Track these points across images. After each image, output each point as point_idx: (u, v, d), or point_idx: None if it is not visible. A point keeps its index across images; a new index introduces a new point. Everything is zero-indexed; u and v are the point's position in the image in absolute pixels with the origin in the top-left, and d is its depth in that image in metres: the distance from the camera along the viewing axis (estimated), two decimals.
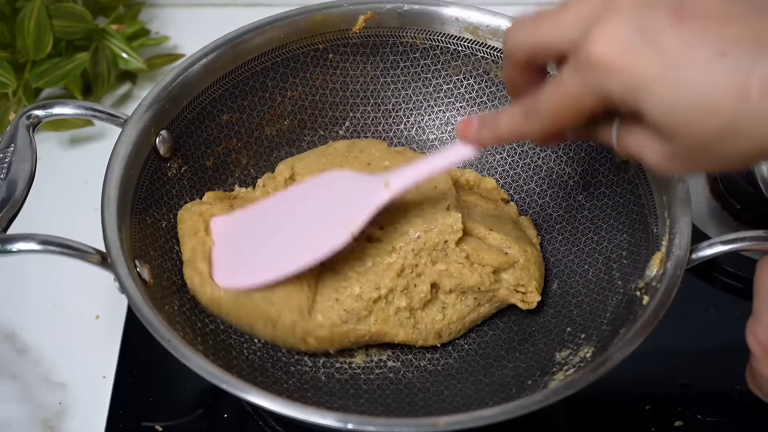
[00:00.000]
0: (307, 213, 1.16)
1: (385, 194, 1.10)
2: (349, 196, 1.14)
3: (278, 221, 1.17)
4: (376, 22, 1.29)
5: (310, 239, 1.13)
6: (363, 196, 1.12)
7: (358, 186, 1.15)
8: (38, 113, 1.15)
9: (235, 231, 1.18)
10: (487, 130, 0.98)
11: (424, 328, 1.15)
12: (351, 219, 1.11)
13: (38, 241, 1.01)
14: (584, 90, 0.83)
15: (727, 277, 1.32)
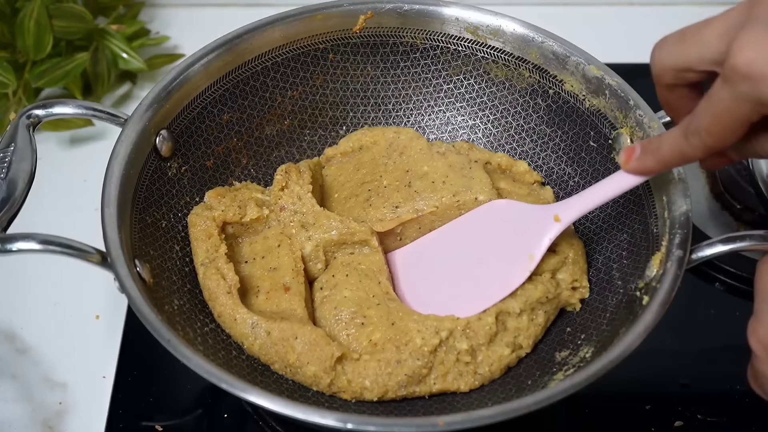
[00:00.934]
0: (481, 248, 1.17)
1: (555, 228, 1.12)
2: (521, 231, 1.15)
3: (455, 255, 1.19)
4: (376, 22, 1.29)
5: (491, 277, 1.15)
6: (535, 230, 1.13)
7: (527, 220, 1.15)
8: (38, 113, 1.15)
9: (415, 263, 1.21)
10: (650, 156, 0.97)
11: (487, 370, 1.12)
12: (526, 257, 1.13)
13: (38, 240, 1.01)
14: (737, 101, 0.83)
15: (727, 277, 1.32)
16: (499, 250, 1.16)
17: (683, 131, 0.90)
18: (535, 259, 1.12)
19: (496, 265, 1.15)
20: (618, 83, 1.20)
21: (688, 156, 0.92)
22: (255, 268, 1.18)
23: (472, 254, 1.18)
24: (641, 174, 1.01)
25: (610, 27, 1.72)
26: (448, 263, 1.19)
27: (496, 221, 1.17)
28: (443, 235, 1.21)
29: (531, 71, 1.27)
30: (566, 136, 1.27)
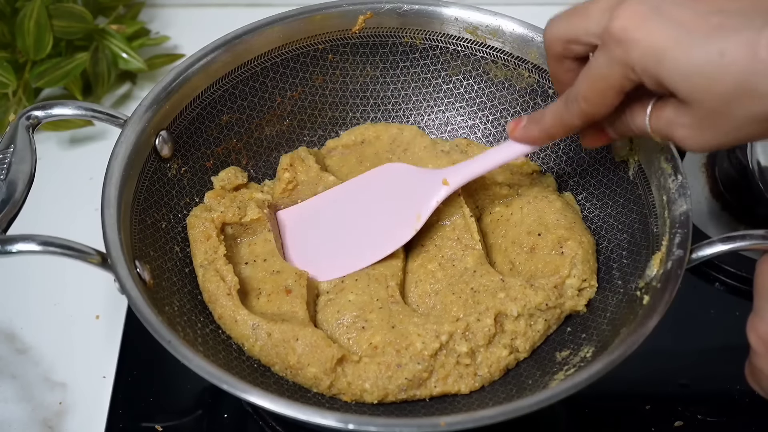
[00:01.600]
0: (370, 207, 1.21)
1: (443, 191, 1.16)
2: (410, 192, 1.19)
3: (343, 214, 1.22)
4: (375, 22, 1.29)
5: (378, 235, 1.19)
6: (423, 192, 1.18)
7: (417, 181, 1.19)
8: (38, 114, 1.15)
9: (300, 222, 1.24)
10: (533, 124, 1.05)
11: (487, 372, 1.12)
12: (413, 217, 1.17)
13: (38, 242, 1.01)
14: (611, 66, 0.90)
15: (727, 277, 1.32)
16: (389, 209, 1.20)
17: (564, 99, 0.98)
18: (421, 218, 1.17)
19: (386, 222, 1.20)
20: None
21: (567, 123, 0.99)
22: (256, 270, 1.18)
23: (363, 212, 1.22)
24: (526, 142, 1.07)
25: None
26: (338, 220, 1.23)
27: (389, 182, 1.22)
28: (335, 194, 1.25)
29: (530, 71, 1.27)
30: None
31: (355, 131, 1.33)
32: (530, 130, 1.06)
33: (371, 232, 1.20)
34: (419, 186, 1.19)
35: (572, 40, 0.97)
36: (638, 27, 0.87)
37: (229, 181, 1.24)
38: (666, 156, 1.12)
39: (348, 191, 1.24)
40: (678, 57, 0.85)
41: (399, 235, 1.18)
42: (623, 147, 1.19)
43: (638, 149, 1.17)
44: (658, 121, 0.94)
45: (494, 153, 1.14)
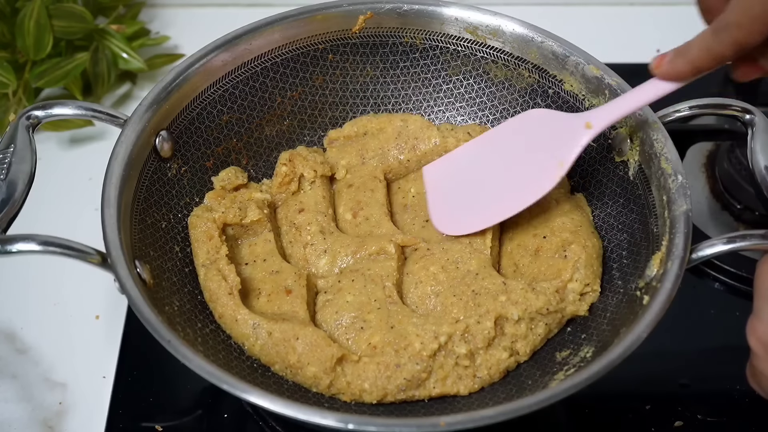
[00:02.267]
0: (511, 157, 1.18)
1: (587, 135, 1.11)
2: (551, 138, 1.15)
3: (485, 166, 1.20)
4: (375, 22, 1.29)
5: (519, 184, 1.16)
6: (565, 138, 1.13)
7: (559, 126, 1.15)
8: (38, 114, 1.15)
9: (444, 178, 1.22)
10: (680, 58, 0.97)
11: (486, 374, 1.11)
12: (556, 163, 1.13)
13: (38, 241, 1.01)
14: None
15: (727, 277, 1.32)
16: (530, 157, 1.16)
17: (713, 28, 0.91)
18: (564, 165, 1.12)
19: (527, 171, 1.16)
20: (617, 83, 1.20)
21: (717, 53, 0.92)
22: (256, 271, 1.18)
23: (504, 162, 1.19)
24: (672, 78, 1.00)
25: (610, 27, 1.72)
26: (479, 172, 1.20)
27: (529, 129, 1.18)
28: (476, 146, 1.23)
29: (530, 71, 1.27)
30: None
31: (358, 122, 1.32)
32: (677, 64, 0.98)
33: (513, 182, 1.17)
34: (561, 131, 1.14)
35: None
36: None
37: (229, 181, 1.24)
38: (666, 156, 1.12)
39: (489, 141, 1.22)
40: None
41: (542, 183, 1.14)
42: (623, 147, 1.19)
43: (638, 149, 1.17)
44: None
45: (638, 92, 1.08)
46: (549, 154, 1.14)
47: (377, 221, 1.23)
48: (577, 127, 1.12)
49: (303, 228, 1.22)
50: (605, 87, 1.21)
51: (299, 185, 1.26)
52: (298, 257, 1.22)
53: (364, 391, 1.08)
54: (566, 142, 1.12)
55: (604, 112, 1.11)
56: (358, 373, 1.09)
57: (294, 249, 1.22)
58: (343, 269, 1.19)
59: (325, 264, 1.20)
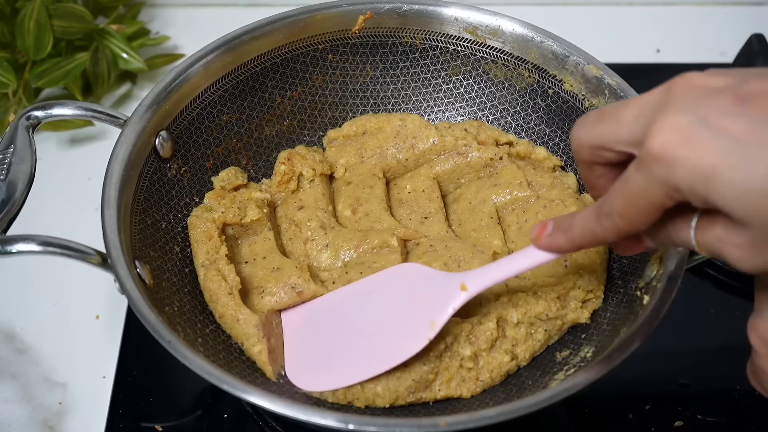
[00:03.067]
0: (382, 312, 1.13)
1: (461, 297, 1.06)
2: (424, 296, 1.10)
3: (351, 318, 1.14)
4: (375, 23, 1.29)
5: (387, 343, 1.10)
6: (439, 298, 1.08)
7: (432, 286, 1.10)
8: (38, 114, 1.14)
9: (305, 324, 1.16)
10: (561, 234, 0.94)
11: (488, 377, 1.11)
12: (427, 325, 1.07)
13: (38, 242, 1.01)
14: (651, 185, 0.80)
15: (727, 277, 1.32)
16: (402, 315, 1.11)
17: (596, 212, 0.87)
18: (435, 326, 1.07)
19: (398, 330, 1.10)
20: (617, 83, 1.20)
21: (600, 237, 0.89)
22: (256, 269, 1.18)
23: (374, 318, 1.13)
24: (552, 251, 0.97)
25: (610, 27, 1.72)
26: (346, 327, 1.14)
27: (403, 285, 1.13)
28: (344, 296, 1.17)
29: (530, 71, 1.27)
30: (566, 135, 1.27)
31: (357, 122, 1.32)
32: (557, 239, 0.95)
33: (380, 340, 1.11)
34: (435, 290, 1.10)
35: (602, 147, 0.87)
36: (682, 143, 0.76)
37: (229, 181, 1.24)
38: None
39: (357, 292, 1.17)
40: (732, 177, 0.74)
41: (410, 344, 1.08)
42: None
43: None
44: (706, 237, 0.83)
45: (516, 259, 1.03)
46: (421, 313, 1.09)
47: (377, 216, 1.23)
48: (452, 288, 1.07)
49: (303, 224, 1.22)
50: (605, 87, 1.21)
51: (298, 184, 1.26)
52: (298, 253, 1.21)
53: (377, 396, 1.07)
54: (439, 302, 1.08)
55: (479, 275, 1.06)
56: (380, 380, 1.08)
57: (294, 245, 1.22)
58: (347, 263, 1.19)
59: (327, 258, 1.20)
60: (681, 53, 1.68)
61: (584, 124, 0.89)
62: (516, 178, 1.24)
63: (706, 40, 1.70)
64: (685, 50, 1.68)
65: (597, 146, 0.87)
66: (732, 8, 1.75)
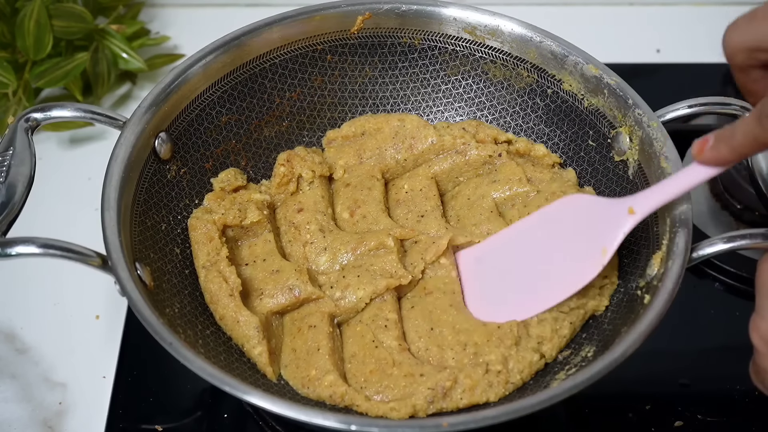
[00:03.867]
0: (551, 243, 1.14)
1: (631, 221, 1.07)
2: (593, 224, 1.11)
3: (525, 252, 1.16)
4: (374, 23, 1.29)
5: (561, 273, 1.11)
6: (607, 224, 1.09)
7: (601, 212, 1.11)
8: (37, 116, 1.14)
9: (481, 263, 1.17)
10: (723, 144, 0.93)
11: (519, 378, 1.09)
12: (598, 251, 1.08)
13: (38, 244, 1.01)
14: None
15: (727, 277, 1.32)
16: (572, 245, 1.13)
17: (757, 115, 0.86)
18: (608, 252, 1.08)
19: (570, 259, 1.12)
20: (617, 82, 1.20)
21: (763, 141, 0.88)
22: (256, 271, 1.18)
23: (545, 250, 1.15)
24: (715, 164, 0.96)
25: (610, 27, 1.72)
26: (520, 261, 1.16)
27: (570, 215, 1.15)
28: (516, 232, 1.19)
29: (529, 71, 1.27)
30: (565, 135, 1.27)
31: (356, 122, 1.32)
32: (720, 150, 0.93)
33: (555, 270, 1.13)
34: (603, 217, 1.10)
35: (756, 48, 0.86)
36: None
37: (228, 182, 1.24)
38: (666, 155, 1.12)
39: (528, 227, 1.18)
40: None
41: (584, 271, 1.09)
42: (623, 146, 1.19)
43: (638, 148, 1.17)
44: None
45: (681, 177, 1.03)
46: (591, 241, 1.10)
47: (374, 218, 1.23)
48: (620, 213, 1.08)
49: (302, 227, 1.22)
50: (604, 86, 1.21)
51: (298, 185, 1.26)
52: (297, 256, 1.21)
53: (392, 409, 1.06)
54: (609, 228, 1.08)
55: (646, 197, 1.06)
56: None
57: (293, 248, 1.22)
58: (345, 266, 1.19)
59: (326, 261, 1.20)
60: (681, 53, 1.68)
61: (736, 27, 0.87)
62: (515, 175, 1.24)
63: (706, 40, 1.69)
64: (685, 50, 1.68)
65: (752, 47, 0.86)
66: (732, 8, 1.74)
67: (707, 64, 1.63)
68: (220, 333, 1.13)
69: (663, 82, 1.60)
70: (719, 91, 1.56)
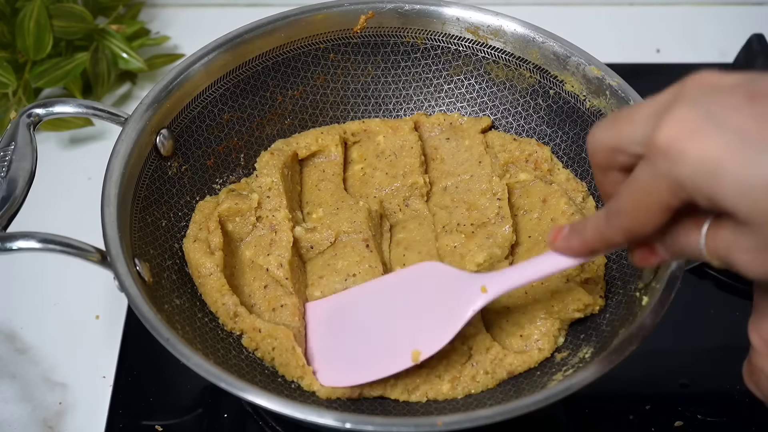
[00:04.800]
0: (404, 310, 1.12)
1: (482, 300, 1.06)
2: (446, 297, 1.09)
3: (374, 314, 1.14)
4: (377, 22, 1.29)
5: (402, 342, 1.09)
6: (460, 299, 1.08)
7: (454, 286, 1.10)
8: (39, 112, 1.15)
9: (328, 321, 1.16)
10: (575, 236, 0.93)
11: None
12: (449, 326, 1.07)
13: (38, 239, 1.01)
14: (656, 181, 0.79)
15: (727, 277, 1.32)
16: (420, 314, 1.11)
17: (606, 212, 0.86)
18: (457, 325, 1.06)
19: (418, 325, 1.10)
20: (618, 83, 1.20)
21: (609, 239, 0.87)
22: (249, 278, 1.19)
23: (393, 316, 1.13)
24: (567, 254, 0.95)
25: (610, 27, 1.72)
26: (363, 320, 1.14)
27: (423, 284, 1.13)
28: (367, 292, 1.17)
29: (532, 71, 1.27)
30: (567, 136, 1.27)
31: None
32: (571, 241, 0.93)
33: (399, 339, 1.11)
34: (455, 290, 1.09)
35: (616, 149, 0.85)
36: (687, 137, 0.74)
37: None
38: None
39: (377, 289, 1.16)
40: (737, 171, 0.72)
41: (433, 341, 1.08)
42: None
43: None
44: (716, 244, 0.80)
45: (536, 264, 1.02)
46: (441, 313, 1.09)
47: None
48: (474, 288, 1.07)
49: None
50: (606, 88, 1.21)
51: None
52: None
53: None
54: (459, 302, 1.07)
55: (503, 278, 1.06)
56: None
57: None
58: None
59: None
60: (681, 53, 1.68)
61: (600, 127, 0.87)
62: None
63: (706, 40, 1.70)
64: (685, 50, 1.68)
65: (611, 148, 0.86)
66: (732, 8, 1.75)
67: (707, 64, 1.62)
68: (218, 330, 1.13)
69: (663, 83, 1.59)
70: None
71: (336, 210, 1.22)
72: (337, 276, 1.17)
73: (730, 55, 1.63)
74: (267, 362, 1.11)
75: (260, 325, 1.10)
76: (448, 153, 1.28)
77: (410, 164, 1.26)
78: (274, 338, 1.09)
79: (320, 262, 1.19)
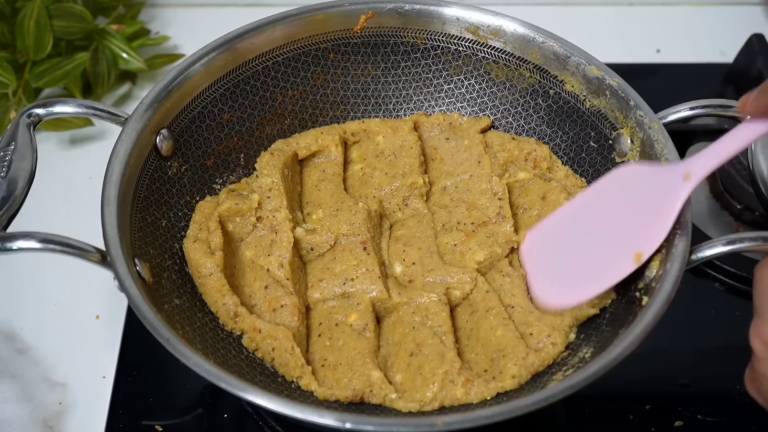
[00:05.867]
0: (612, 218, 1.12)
1: (687, 188, 1.05)
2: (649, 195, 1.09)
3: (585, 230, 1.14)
4: (377, 22, 1.29)
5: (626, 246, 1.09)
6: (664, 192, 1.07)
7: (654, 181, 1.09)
8: (39, 112, 1.15)
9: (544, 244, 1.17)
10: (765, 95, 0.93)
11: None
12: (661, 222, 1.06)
13: (38, 239, 1.01)
14: None
15: (727, 277, 1.32)
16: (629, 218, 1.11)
17: None
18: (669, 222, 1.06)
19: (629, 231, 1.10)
20: (618, 83, 1.20)
21: None
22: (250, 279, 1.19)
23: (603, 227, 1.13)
24: (759, 115, 0.95)
25: (610, 27, 1.72)
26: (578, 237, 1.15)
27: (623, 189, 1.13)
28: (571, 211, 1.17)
29: (531, 71, 1.27)
30: (567, 136, 1.27)
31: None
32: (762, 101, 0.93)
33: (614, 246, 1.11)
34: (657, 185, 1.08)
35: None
36: None
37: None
38: (666, 156, 1.12)
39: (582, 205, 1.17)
40: None
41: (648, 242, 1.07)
42: (624, 147, 1.19)
43: (639, 150, 1.17)
44: None
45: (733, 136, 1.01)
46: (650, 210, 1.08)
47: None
48: (676, 179, 1.06)
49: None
50: (606, 88, 1.21)
51: None
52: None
53: None
54: (666, 195, 1.07)
55: (701, 161, 1.04)
56: None
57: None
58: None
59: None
60: (681, 53, 1.68)
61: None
62: None
63: (706, 40, 1.70)
64: (685, 50, 1.69)
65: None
66: (732, 8, 1.75)
67: (707, 64, 1.63)
68: (218, 330, 1.12)
69: (663, 82, 1.60)
70: (719, 91, 1.57)
71: (336, 211, 1.22)
72: (336, 280, 1.17)
73: (730, 55, 1.63)
74: (267, 362, 1.11)
75: (260, 325, 1.10)
76: (447, 153, 1.28)
77: (410, 164, 1.26)
78: (274, 338, 1.09)
79: (320, 265, 1.19)
